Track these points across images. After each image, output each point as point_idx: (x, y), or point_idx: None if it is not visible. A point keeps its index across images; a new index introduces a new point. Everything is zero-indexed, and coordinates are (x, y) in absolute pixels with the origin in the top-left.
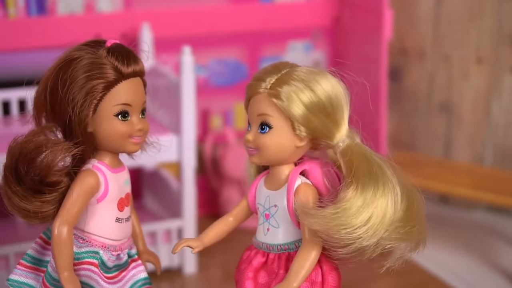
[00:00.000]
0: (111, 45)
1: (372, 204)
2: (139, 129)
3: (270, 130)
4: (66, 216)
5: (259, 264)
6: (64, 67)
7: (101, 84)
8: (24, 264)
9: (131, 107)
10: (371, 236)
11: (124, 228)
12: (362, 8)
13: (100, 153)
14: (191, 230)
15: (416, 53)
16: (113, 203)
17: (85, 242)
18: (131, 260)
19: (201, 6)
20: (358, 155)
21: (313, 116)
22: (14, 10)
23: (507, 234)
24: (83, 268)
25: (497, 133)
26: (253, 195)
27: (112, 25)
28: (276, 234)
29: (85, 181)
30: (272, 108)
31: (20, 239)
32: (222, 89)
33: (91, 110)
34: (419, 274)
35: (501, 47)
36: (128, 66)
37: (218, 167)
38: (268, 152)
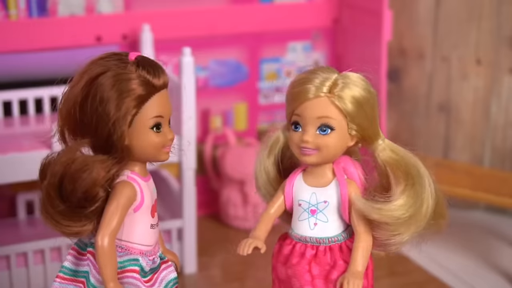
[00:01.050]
0: (136, 58)
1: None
2: (171, 139)
3: (332, 132)
4: (108, 228)
5: (310, 257)
6: (92, 83)
7: (136, 99)
8: (62, 276)
9: (163, 119)
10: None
11: (156, 233)
12: (362, 9)
13: (131, 163)
14: (191, 231)
15: (415, 54)
16: (147, 210)
17: (123, 251)
18: (162, 262)
19: (201, 7)
20: (401, 153)
21: (364, 112)
22: (15, 11)
23: (506, 234)
24: (126, 276)
25: (496, 134)
26: (290, 193)
27: (112, 26)
28: (325, 228)
29: (123, 192)
30: (334, 110)
31: (20, 239)
32: (222, 90)
33: (127, 124)
34: (419, 274)
35: (500, 48)
36: (159, 78)
37: (218, 167)
38: (328, 152)
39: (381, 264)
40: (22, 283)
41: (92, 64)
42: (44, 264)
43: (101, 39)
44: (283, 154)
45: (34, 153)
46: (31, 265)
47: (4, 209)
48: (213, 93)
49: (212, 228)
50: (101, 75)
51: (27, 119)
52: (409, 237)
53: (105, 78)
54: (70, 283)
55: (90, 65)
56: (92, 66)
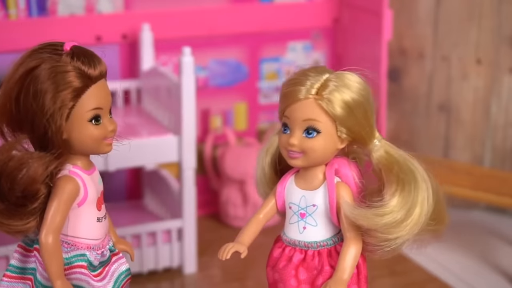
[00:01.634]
0: (71, 48)
1: (415, 202)
2: (112, 130)
3: (318, 135)
4: (51, 225)
5: (298, 261)
6: (26, 76)
7: (72, 92)
8: (9, 275)
9: (102, 110)
10: (412, 232)
11: (104, 226)
12: (362, 9)
13: (72, 157)
14: (191, 231)
15: (415, 53)
16: (92, 204)
17: (70, 246)
18: (112, 254)
19: (201, 7)
20: (396, 156)
21: (354, 116)
22: (14, 11)
23: (506, 234)
24: (73, 272)
25: (496, 134)
26: (282, 195)
27: (112, 26)
28: (314, 232)
29: (66, 187)
30: (320, 113)
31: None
32: (222, 90)
33: (64, 118)
34: (419, 274)
35: (500, 47)
36: (95, 69)
37: (218, 167)
38: (315, 155)
39: (381, 264)
40: None
41: (27, 56)
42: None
43: (101, 39)
44: (280, 155)
45: None
46: None
47: None
48: (213, 93)
49: (212, 228)
50: (36, 68)
51: None
52: (402, 242)
53: (39, 71)
54: (18, 281)
55: (25, 58)
56: (26, 58)
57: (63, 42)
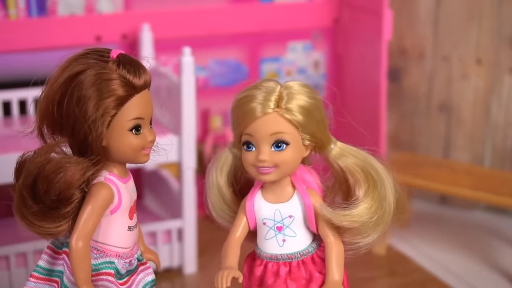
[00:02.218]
0: (118, 56)
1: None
2: (151, 141)
3: (287, 147)
4: (82, 231)
5: (285, 274)
6: (71, 81)
7: (115, 100)
8: (36, 275)
9: (143, 120)
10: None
11: (134, 235)
12: (362, 8)
13: (109, 164)
14: (191, 231)
15: (415, 53)
16: (125, 212)
17: (99, 253)
18: (139, 264)
19: (201, 7)
20: (355, 154)
21: (313, 118)
22: (14, 11)
23: (506, 234)
24: (100, 279)
25: (496, 133)
26: (253, 213)
27: (112, 26)
28: (294, 243)
29: (100, 194)
30: (285, 125)
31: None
32: (222, 90)
33: (105, 126)
34: (419, 274)
35: (500, 47)
36: (140, 78)
37: None
38: (287, 167)
39: (381, 264)
40: (21, 283)
41: (73, 60)
42: None
43: (100, 39)
44: (235, 172)
45: None
46: (30, 266)
47: (4, 209)
48: (213, 93)
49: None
50: (81, 73)
51: (26, 119)
52: (376, 236)
53: (84, 77)
54: (44, 282)
55: (71, 62)
56: (72, 63)
57: (109, 49)
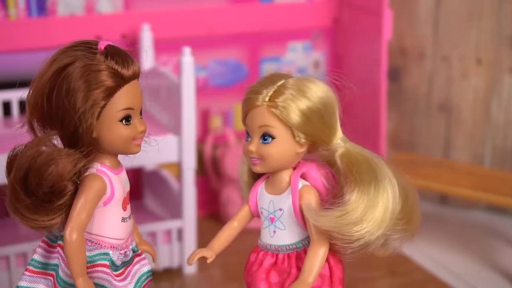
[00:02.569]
0: (106, 47)
1: (376, 200)
2: (141, 131)
3: (273, 141)
4: (76, 222)
5: (269, 265)
6: (60, 73)
7: (104, 91)
8: (31, 269)
9: (133, 111)
10: (377, 230)
11: (128, 226)
12: (362, 8)
13: (101, 156)
14: (191, 231)
15: (415, 53)
16: (118, 204)
17: (94, 245)
18: (135, 255)
19: (201, 7)
20: (356, 155)
21: (311, 123)
22: (14, 11)
23: (506, 234)
24: (96, 270)
25: (496, 133)
26: (254, 200)
27: (112, 26)
28: (283, 236)
29: (92, 186)
30: (273, 119)
31: (20, 239)
32: (222, 90)
33: (95, 117)
34: (419, 274)
35: (500, 47)
36: (128, 69)
37: (218, 167)
38: (272, 160)
39: (381, 264)
40: None
41: (61, 53)
42: None
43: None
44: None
45: None
46: None
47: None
48: (213, 93)
49: (212, 228)
50: (69, 65)
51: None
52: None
53: (73, 69)
54: (40, 276)
55: (59, 54)
56: (60, 55)
57: (97, 41)
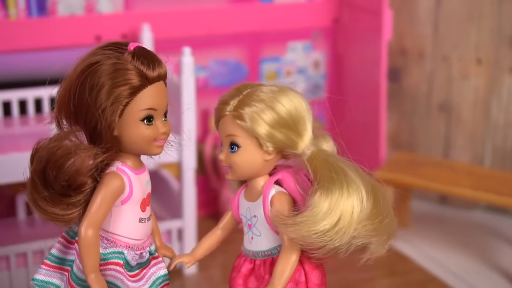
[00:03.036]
0: (134, 48)
1: (338, 206)
2: (163, 133)
3: (238, 149)
4: (92, 219)
5: (247, 271)
6: (88, 71)
7: (127, 89)
8: (48, 263)
9: (156, 111)
10: (342, 237)
11: (146, 227)
12: (362, 8)
13: (123, 155)
14: (191, 231)
15: (415, 53)
16: (136, 204)
17: (109, 243)
18: (152, 258)
19: (201, 7)
20: (321, 161)
21: (276, 132)
22: (14, 11)
23: (506, 234)
24: (109, 268)
25: (496, 133)
26: (236, 207)
27: (112, 26)
28: (259, 242)
29: (111, 183)
30: (238, 129)
31: (20, 239)
32: (222, 90)
33: (118, 115)
34: (419, 274)
35: (500, 47)
36: (154, 70)
37: (218, 167)
38: (240, 169)
39: (381, 264)
40: (21, 284)
41: (91, 52)
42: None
43: (100, 39)
44: None
45: None
46: (30, 266)
47: (4, 209)
48: (213, 93)
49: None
50: (97, 63)
51: (26, 119)
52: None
53: (100, 66)
54: (56, 270)
55: (89, 53)
56: (90, 54)
57: (128, 42)
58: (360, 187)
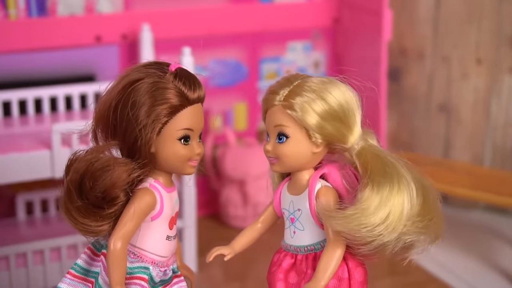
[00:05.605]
0: (176, 69)
1: (388, 201)
2: (198, 154)
3: (287, 140)
4: (122, 232)
5: (288, 266)
6: (129, 87)
7: (168, 108)
8: (73, 273)
9: (192, 132)
10: (391, 232)
11: (172, 245)
12: (362, 8)
13: (156, 172)
14: (191, 231)
15: (415, 53)
16: (165, 221)
17: (136, 258)
18: (174, 276)
19: (201, 7)
20: (372, 155)
21: (327, 123)
22: (14, 11)
23: (506, 234)
24: (133, 282)
25: (496, 134)
26: (278, 201)
27: (112, 26)
28: (302, 236)
29: (143, 199)
30: (287, 119)
31: (20, 240)
32: (222, 90)
33: (156, 132)
34: (419, 274)
35: (500, 47)
36: (194, 92)
37: (218, 167)
38: (287, 160)
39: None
40: (21, 284)
41: (133, 69)
42: (43, 264)
43: (100, 39)
44: None
45: (34, 153)
46: (30, 266)
47: (4, 209)
48: (213, 93)
49: (212, 228)
50: (139, 80)
51: (26, 119)
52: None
53: (142, 84)
54: (80, 281)
55: (131, 70)
56: (132, 71)
57: (169, 63)
58: (410, 183)
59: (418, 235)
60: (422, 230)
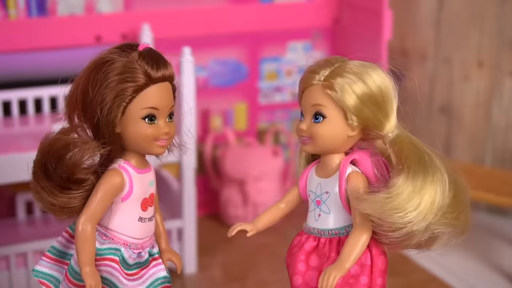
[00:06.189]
0: (142, 49)
1: (422, 190)
2: (165, 133)
3: (323, 120)
4: (90, 213)
5: (310, 248)
6: (96, 68)
7: (131, 87)
8: (49, 256)
9: (158, 111)
10: (421, 221)
11: (146, 227)
12: (362, 8)
13: (127, 154)
14: (191, 231)
15: (417, 55)
16: (136, 202)
17: (107, 239)
18: (152, 259)
19: (201, 7)
20: (408, 144)
21: (365, 107)
22: (14, 11)
23: (506, 234)
24: (104, 264)
25: (497, 136)
26: (304, 183)
27: (112, 26)
28: (327, 220)
29: (111, 180)
30: (326, 99)
31: (20, 239)
32: (222, 90)
33: (120, 112)
34: (419, 274)
35: (502, 50)
36: (158, 71)
37: (218, 167)
38: (321, 140)
39: None
40: (21, 284)
41: (103, 52)
42: None
43: (100, 39)
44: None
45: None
46: (30, 266)
47: (4, 209)
48: (213, 93)
49: (212, 228)
50: (107, 62)
51: (26, 119)
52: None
53: (108, 65)
54: (56, 263)
55: (99, 53)
56: (100, 53)
57: (138, 44)
58: (444, 175)
59: (446, 227)
60: (451, 222)
